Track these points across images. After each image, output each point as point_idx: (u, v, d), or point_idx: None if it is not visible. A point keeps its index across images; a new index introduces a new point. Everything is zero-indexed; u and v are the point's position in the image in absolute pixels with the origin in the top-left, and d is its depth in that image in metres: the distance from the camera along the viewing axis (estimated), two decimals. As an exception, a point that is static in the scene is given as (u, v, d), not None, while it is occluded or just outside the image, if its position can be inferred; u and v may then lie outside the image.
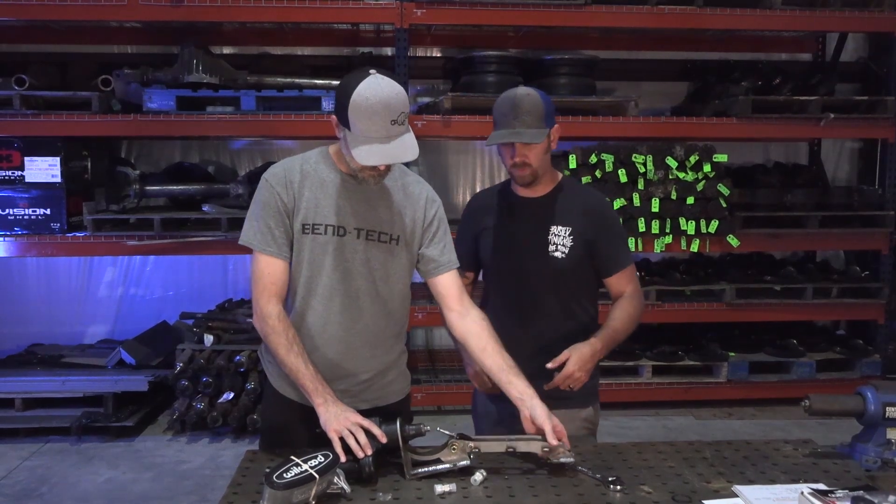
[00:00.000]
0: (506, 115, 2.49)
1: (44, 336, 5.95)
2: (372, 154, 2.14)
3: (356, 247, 2.34)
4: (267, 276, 2.31)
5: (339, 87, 2.19)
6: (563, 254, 2.56)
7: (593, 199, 2.70)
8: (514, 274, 2.63)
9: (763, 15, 5.34)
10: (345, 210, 2.32)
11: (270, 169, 2.38)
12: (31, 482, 4.33)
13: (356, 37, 6.01)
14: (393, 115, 2.12)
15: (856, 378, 5.52)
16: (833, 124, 5.36)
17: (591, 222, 2.60)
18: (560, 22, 5.31)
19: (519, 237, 2.63)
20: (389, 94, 2.11)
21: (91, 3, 4.88)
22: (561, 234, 2.58)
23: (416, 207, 2.41)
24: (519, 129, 2.46)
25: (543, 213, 2.61)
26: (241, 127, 5.13)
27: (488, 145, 2.54)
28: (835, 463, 2.29)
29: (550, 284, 2.60)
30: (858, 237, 5.59)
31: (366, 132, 2.13)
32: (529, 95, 2.50)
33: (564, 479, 2.14)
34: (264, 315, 2.30)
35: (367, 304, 2.37)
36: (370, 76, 2.13)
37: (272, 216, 2.30)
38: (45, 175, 5.05)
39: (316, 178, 2.33)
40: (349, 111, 2.12)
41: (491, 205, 2.73)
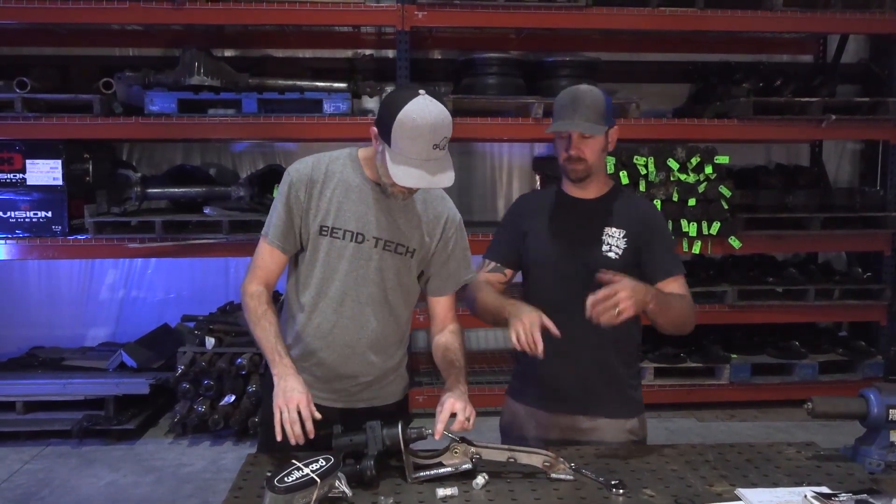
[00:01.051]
0: (565, 108, 2.45)
1: (45, 339, 5.95)
2: (409, 176, 2.13)
3: (372, 255, 2.34)
4: (257, 261, 2.38)
5: (386, 101, 2.17)
6: (616, 255, 2.49)
7: (646, 207, 2.68)
8: (564, 272, 2.53)
9: (764, 16, 5.34)
10: (366, 217, 2.33)
11: (297, 163, 2.39)
12: (32, 485, 4.33)
13: (357, 39, 6.01)
14: (436, 139, 2.11)
15: (858, 380, 5.51)
16: (834, 126, 5.36)
17: (644, 228, 2.53)
18: (561, 24, 5.31)
19: (572, 236, 2.56)
20: (437, 118, 2.10)
21: (93, 6, 4.88)
22: (615, 235, 2.51)
23: (434, 225, 2.41)
24: (578, 121, 2.42)
25: (597, 213, 2.56)
26: (242, 129, 5.13)
27: (548, 132, 2.49)
28: (838, 466, 2.28)
29: (600, 286, 2.45)
30: (860, 239, 5.58)
31: (406, 152, 2.12)
32: (591, 91, 2.47)
33: (566, 483, 2.13)
34: (243, 292, 2.37)
35: (376, 311, 2.38)
36: (420, 96, 2.11)
37: (283, 208, 2.33)
38: (47, 178, 5.05)
39: (341, 180, 2.33)
40: (393, 128, 2.10)
41: (541, 206, 2.65)
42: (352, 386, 2.42)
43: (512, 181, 6.39)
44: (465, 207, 6.31)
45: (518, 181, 6.39)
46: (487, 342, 6.31)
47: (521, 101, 5.23)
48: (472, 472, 2.14)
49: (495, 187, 6.37)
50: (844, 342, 5.92)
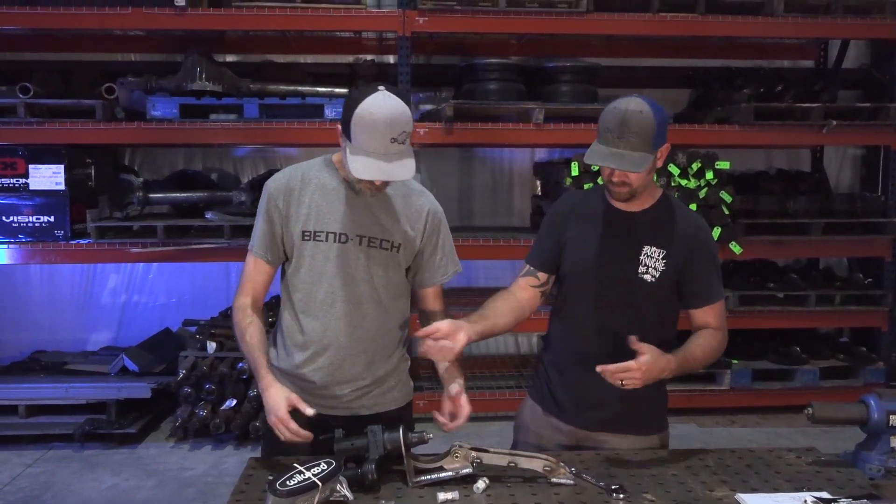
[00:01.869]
0: (611, 131, 2.28)
1: (47, 343, 5.97)
2: (368, 168, 2.17)
3: (358, 254, 2.36)
4: (245, 274, 2.44)
5: (347, 98, 2.22)
6: (653, 277, 2.40)
7: (693, 222, 2.48)
8: (598, 289, 2.46)
9: (765, 22, 5.35)
10: (347, 217, 2.35)
11: (274, 175, 2.44)
12: (34, 489, 4.33)
13: (359, 44, 6.03)
14: (394, 132, 2.14)
15: (859, 386, 5.51)
16: (835, 131, 5.36)
17: (687, 247, 2.41)
18: (562, 29, 5.31)
19: (608, 252, 2.45)
20: (394, 112, 2.14)
21: (95, 12, 4.90)
22: (654, 255, 2.41)
23: (416, 219, 2.43)
24: (623, 150, 2.26)
25: (638, 230, 2.43)
26: (244, 135, 5.14)
27: (587, 162, 2.35)
28: (838, 471, 2.28)
29: (633, 306, 2.43)
30: (861, 244, 5.58)
31: (365, 146, 2.16)
32: (641, 114, 2.27)
33: (567, 487, 2.13)
34: (232, 307, 2.45)
35: (368, 310, 2.39)
36: (378, 91, 2.16)
37: (265, 220, 2.39)
38: (49, 182, 5.06)
39: (318, 184, 2.37)
40: (352, 123, 2.16)
41: (583, 211, 2.54)
42: (352, 391, 2.42)
43: (513, 187, 6.40)
44: (466, 212, 6.33)
45: (519, 187, 6.40)
46: (488, 348, 6.31)
47: (521, 106, 5.24)
48: (472, 476, 2.15)
49: (496, 193, 6.38)
50: (845, 348, 5.92)
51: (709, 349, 2.41)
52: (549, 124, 5.16)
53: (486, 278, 6.27)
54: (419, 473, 2.15)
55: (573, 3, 5.18)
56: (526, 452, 2.22)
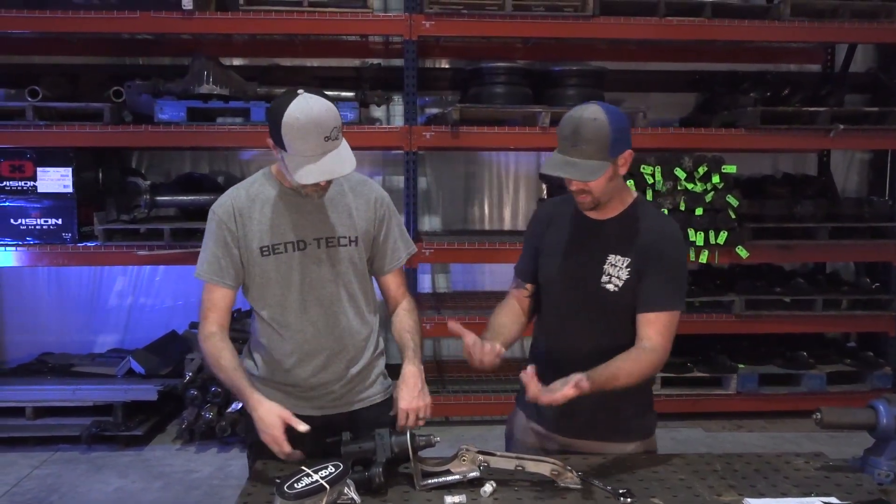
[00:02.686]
0: (566, 140, 2.25)
1: (54, 345, 5.98)
2: (310, 173, 2.18)
3: (319, 256, 2.39)
4: (206, 303, 2.42)
5: (270, 110, 2.24)
6: (615, 287, 2.35)
7: (658, 228, 2.39)
8: (566, 298, 2.45)
9: (772, 26, 5.34)
10: (300, 224, 2.37)
11: (218, 200, 2.43)
12: (41, 490, 4.35)
13: (365, 48, 6.04)
14: (325, 131, 2.16)
15: (866, 391, 5.49)
16: (843, 135, 5.34)
17: (649, 252, 2.34)
18: (569, 33, 5.31)
19: (575, 262, 2.43)
20: (319, 112, 2.15)
21: (103, 16, 4.91)
22: (618, 264, 2.36)
23: (366, 208, 2.46)
24: (575, 159, 2.23)
25: (604, 239, 2.39)
26: (250, 138, 5.15)
27: (543, 172, 2.36)
28: (847, 476, 2.28)
29: (600, 315, 2.40)
30: (869, 249, 5.56)
31: (301, 151, 2.17)
32: (595, 121, 2.23)
33: (574, 491, 2.13)
34: (200, 339, 2.43)
35: (340, 308, 2.43)
36: (298, 96, 2.17)
37: (221, 246, 2.38)
38: (57, 185, 5.08)
39: (265, 199, 2.38)
40: (283, 133, 2.16)
41: (558, 219, 2.52)
42: (337, 389, 2.46)
43: (518, 190, 6.40)
44: (472, 216, 6.34)
45: (524, 190, 6.40)
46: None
47: (527, 110, 5.24)
48: (479, 479, 2.15)
49: (502, 196, 6.38)
50: (852, 353, 5.91)
51: (635, 374, 2.26)
52: (555, 128, 5.13)
53: (492, 282, 6.28)
54: (426, 476, 2.15)
55: (580, 7, 5.18)
56: (533, 456, 2.22)
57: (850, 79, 6.29)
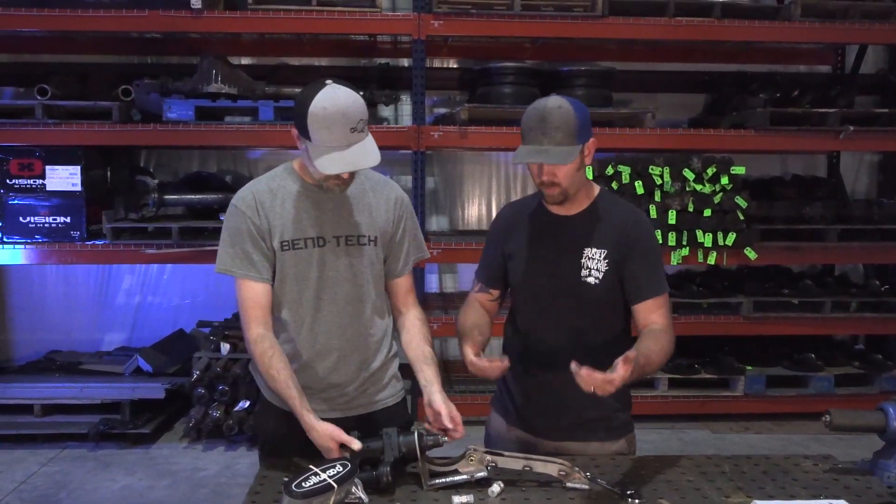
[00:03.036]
0: (533, 130, 2.28)
1: (62, 343, 6.00)
2: (333, 163, 2.17)
3: (338, 254, 2.36)
4: (249, 301, 2.33)
5: (297, 99, 2.22)
6: (596, 279, 2.36)
7: (628, 216, 2.44)
8: (544, 298, 2.44)
9: (782, 27, 5.33)
10: (321, 220, 2.35)
11: (238, 193, 2.39)
12: (49, 488, 4.36)
13: (373, 47, 6.04)
14: (351, 123, 2.14)
15: (874, 393, 5.48)
16: (852, 137, 5.32)
17: (625, 242, 2.38)
18: (577, 33, 5.31)
19: (549, 261, 2.43)
20: (346, 103, 2.14)
21: (112, 15, 4.93)
22: (595, 256, 2.38)
23: (386, 208, 2.44)
24: (546, 146, 2.25)
25: (577, 233, 2.41)
26: (258, 137, 5.16)
27: (514, 163, 2.35)
28: (856, 479, 2.27)
29: (582, 310, 2.41)
30: (878, 251, 5.54)
31: (326, 142, 2.15)
32: (560, 108, 2.27)
33: (582, 492, 2.13)
34: (248, 341, 2.33)
35: (355, 309, 2.41)
36: (327, 86, 2.16)
37: (248, 240, 2.32)
38: (66, 184, 5.10)
39: (286, 194, 2.35)
40: (308, 123, 2.15)
41: (521, 221, 2.53)
42: (351, 390, 2.44)
43: (526, 190, 6.39)
44: (480, 216, 6.33)
45: (532, 190, 6.34)
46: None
47: (536, 110, 5.23)
48: (487, 479, 2.14)
49: (510, 196, 6.37)
50: (861, 355, 5.88)
51: (662, 352, 2.28)
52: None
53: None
54: (434, 476, 2.15)
55: (588, 7, 5.17)
56: (541, 457, 2.21)
57: (861, 80, 6.27)
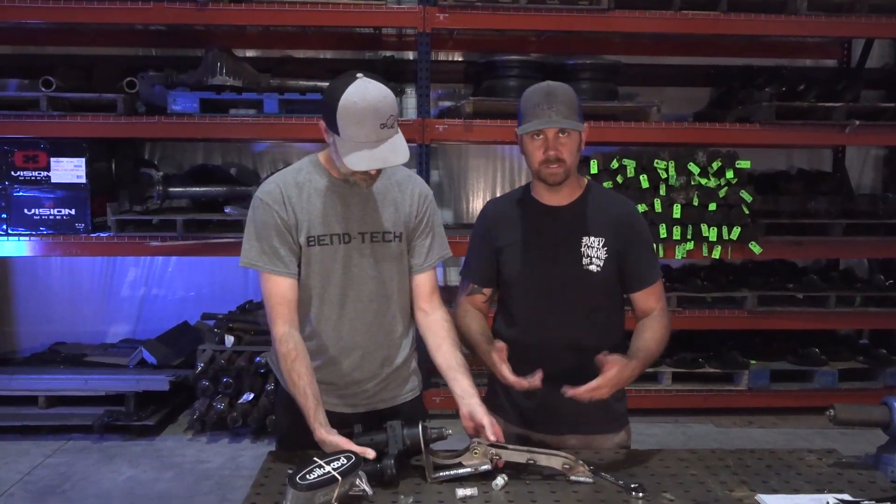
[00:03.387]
0: (538, 105, 2.29)
1: (67, 335, 6.02)
2: (362, 159, 2.13)
3: (363, 250, 2.34)
4: (275, 297, 2.29)
5: (327, 92, 2.18)
6: (598, 267, 2.39)
7: (622, 206, 2.49)
8: (544, 290, 2.43)
9: (788, 20, 5.30)
10: (347, 216, 2.32)
11: (263, 187, 2.35)
12: (53, 479, 4.37)
13: (378, 40, 6.03)
14: (382, 118, 2.11)
15: (879, 388, 5.46)
16: (858, 131, 5.30)
17: (621, 231, 2.41)
18: (582, 27, 5.29)
19: (549, 250, 2.43)
20: (377, 98, 2.10)
21: (117, 6, 4.92)
22: (594, 245, 2.40)
23: (409, 203, 2.41)
24: (555, 117, 2.26)
25: (574, 222, 2.42)
26: (263, 130, 5.16)
27: (522, 132, 2.33)
28: (860, 473, 2.26)
29: (583, 299, 2.42)
30: (883, 245, 5.52)
31: (355, 137, 2.12)
32: (563, 86, 2.34)
33: (586, 486, 2.13)
34: (274, 338, 2.29)
35: (379, 307, 2.39)
36: (357, 80, 2.11)
37: (275, 235, 2.28)
38: (71, 176, 5.10)
39: (312, 188, 2.32)
40: (338, 116, 2.11)
41: (510, 215, 2.52)
42: (369, 387, 2.43)
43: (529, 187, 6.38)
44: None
45: (536, 184, 6.37)
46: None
47: (541, 103, 5.22)
48: (491, 472, 2.14)
49: (514, 189, 6.37)
50: (865, 350, 5.87)
51: (661, 340, 2.40)
52: (569, 122, 5.13)
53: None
54: (438, 469, 2.15)
55: (594, 1, 5.15)
56: (545, 450, 2.21)
57: (867, 74, 6.25)
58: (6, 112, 5.00)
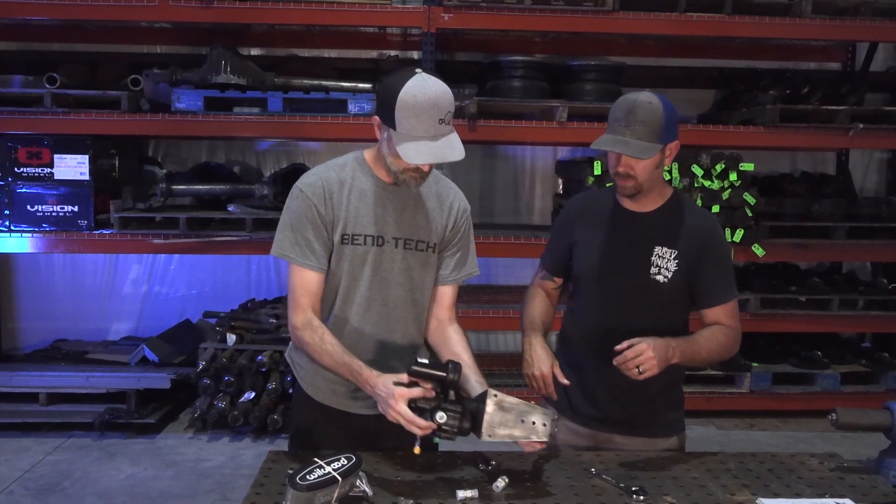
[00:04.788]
0: (618, 120, 2.30)
1: (69, 332, 6.02)
2: (419, 153, 2.11)
3: (394, 256, 2.33)
4: (299, 289, 2.28)
5: (384, 86, 2.17)
6: (665, 278, 2.39)
7: (703, 221, 2.48)
8: (610, 292, 2.47)
9: (792, 23, 5.29)
10: (383, 219, 2.31)
11: (304, 178, 2.33)
12: (53, 476, 4.37)
13: (383, 40, 6.03)
14: (440, 113, 2.10)
15: (881, 391, 5.47)
16: (862, 134, 5.29)
17: (698, 246, 2.40)
18: (587, 28, 5.28)
19: (619, 254, 2.45)
20: (438, 93, 2.10)
21: (122, 4, 4.92)
22: (665, 255, 2.40)
23: (447, 215, 2.40)
24: (628, 139, 2.28)
25: (648, 230, 2.43)
26: (267, 128, 5.16)
27: (593, 148, 2.37)
28: (861, 478, 2.26)
29: (647, 308, 2.43)
30: (886, 249, 5.51)
31: (413, 130, 2.10)
32: (650, 104, 2.29)
33: (587, 488, 2.13)
34: (293, 327, 2.29)
35: (403, 313, 2.38)
36: (417, 75, 2.11)
37: (310, 228, 2.27)
38: (74, 173, 5.10)
39: (355, 186, 2.30)
40: (396, 109, 2.09)
41: (592, 212, 2.55)
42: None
43: (535, 184, 6.39)
44: (488, 209, 6.32)
45: (541, 184, 6.38)
46: (507, 345, 6.31)
47: (545, 104, 5.22)
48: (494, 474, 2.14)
49: (518, 190, 6.37)
50: (868, 353, 5.86)
51: (715, 341, 2.38)
52: (573, 123, 5.14)
53: (506, 276, 6.26)
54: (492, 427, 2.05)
55: (599, 2, 5.14)
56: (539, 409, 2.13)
57: (871, 77, 6.23)
58: (10, 108, 5.00)
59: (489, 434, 2.04)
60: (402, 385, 2.04)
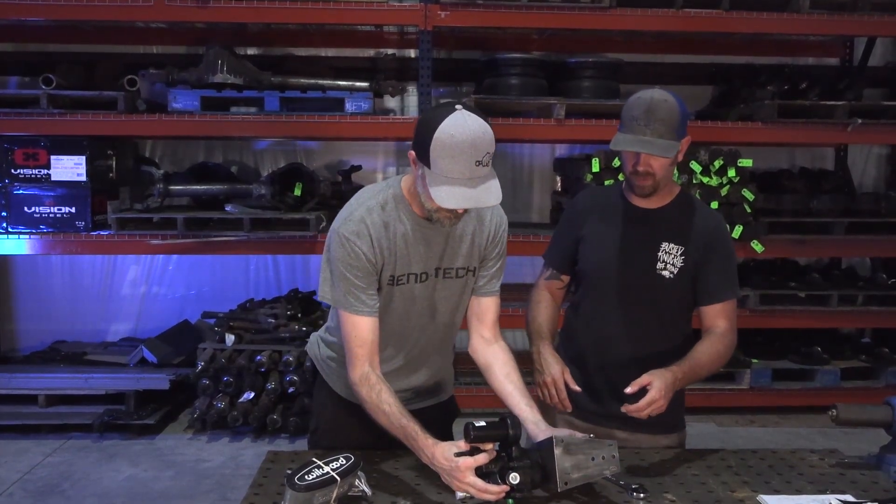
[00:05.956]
0: (636, 119, 2.30)
1: (67, 333, 6.00)
2: (453, 197, 2.00)
3: (436, 286, 2.32)
4: (355, 340, 2.21)
5: (422, 120, 2.08)
6: (671, 273, 2.41)
7: (710, 219, 2.51)
8: (616, 287, 2.48)
9: (790, 19, 5.28)
10: (426, 256, 2.27)
11: (345, 224, 2.20)
12: (53, 478, 4.37)
13: (380, 38, 6.02)
14: (478, 155, 1.99)
15: (881, 387, 5.45)
16: (860, 130, 5.27)
17: (704, 243, 2.43)
18: (584, 25, 5.27)
19: (626, 249, 2.47)
20: (477, 133, 1.98)
21: (118, 4, 4.91)
22: (672, 251, 2.42)
23: (487, 232, 2.36)
24: (649, 137, 2.28)
25: (656, 226, 2.46)
26: (264, 128, 5.15)
27: (613, 149, 2.37)
28: (862, 474, 2.26)
29: (653, 302, 2.46)
30: (885, 244, 5.50)
31: (448, 172, 1.99)
32: (667, 102, 2.32)
33: (587, 485, 2.11)
34: (352, 382, 2.23)
35: (443, 337, 2.42)
36: (456, 112, 2.00)
37: (360, 276, 2.19)
38: (71, 174, 5.09)
39: (398, 227, 2.22)
40: (431, 148, 1.99)
41: (599, 208, 2.56)
42: (412, 395, 2.45)
43: (532, 182, 6.37)
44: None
45: (539, 182, 6.37)
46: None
47: (542, 101, 5.21)
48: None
49: (516, 188, 6.35)
50: (867, 349, 5.85)
51: (715, 354, 2.38)
52: (571, 120, 5.13)
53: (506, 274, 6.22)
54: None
55: (596, -1, 5.14)
56: None
57: (869, 73, 6.22)
58: (7, 109, 4.98)
59: (565, 482, 1.99)
60: (464, 453, 1.98)
